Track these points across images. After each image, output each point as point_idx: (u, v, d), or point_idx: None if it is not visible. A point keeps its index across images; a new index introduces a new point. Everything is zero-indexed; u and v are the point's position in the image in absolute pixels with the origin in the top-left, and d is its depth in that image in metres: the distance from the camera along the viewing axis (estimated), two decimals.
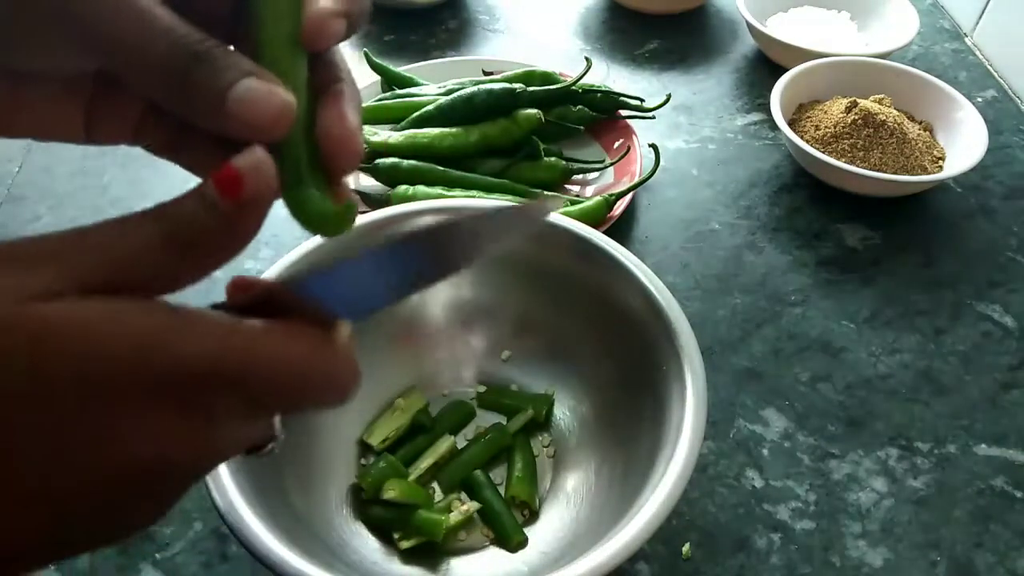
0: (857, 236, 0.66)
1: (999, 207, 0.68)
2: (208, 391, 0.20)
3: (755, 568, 0.46)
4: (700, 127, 0.76)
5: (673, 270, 0.62)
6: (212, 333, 0.20)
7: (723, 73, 0.83)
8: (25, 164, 0.71)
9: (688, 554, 0.46)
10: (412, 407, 0.50)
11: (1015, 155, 0.73)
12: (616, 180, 0.67)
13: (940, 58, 0.85)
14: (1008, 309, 0.60)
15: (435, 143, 0.65)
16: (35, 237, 0.20)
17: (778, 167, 0.72)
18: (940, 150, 0.69)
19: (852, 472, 0.50)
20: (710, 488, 0.49)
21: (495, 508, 0.46)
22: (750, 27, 0.81)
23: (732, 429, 0.52)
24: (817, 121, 0.69)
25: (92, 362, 0.19)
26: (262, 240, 0.65)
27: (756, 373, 0.56)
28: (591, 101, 0.71)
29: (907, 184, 0.64)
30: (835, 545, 0.47)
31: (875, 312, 0.60)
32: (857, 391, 0.55)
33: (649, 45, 0.86)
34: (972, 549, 0.47)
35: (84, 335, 0.19)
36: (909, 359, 0.57)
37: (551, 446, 0.50)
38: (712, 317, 0.59)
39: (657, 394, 0.42)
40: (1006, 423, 0.53)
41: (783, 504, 0.49)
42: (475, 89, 0.67)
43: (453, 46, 0.86)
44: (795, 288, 0.61)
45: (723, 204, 0.68)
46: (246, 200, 0.21)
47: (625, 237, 0.65)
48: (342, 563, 0.41)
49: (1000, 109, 0.78)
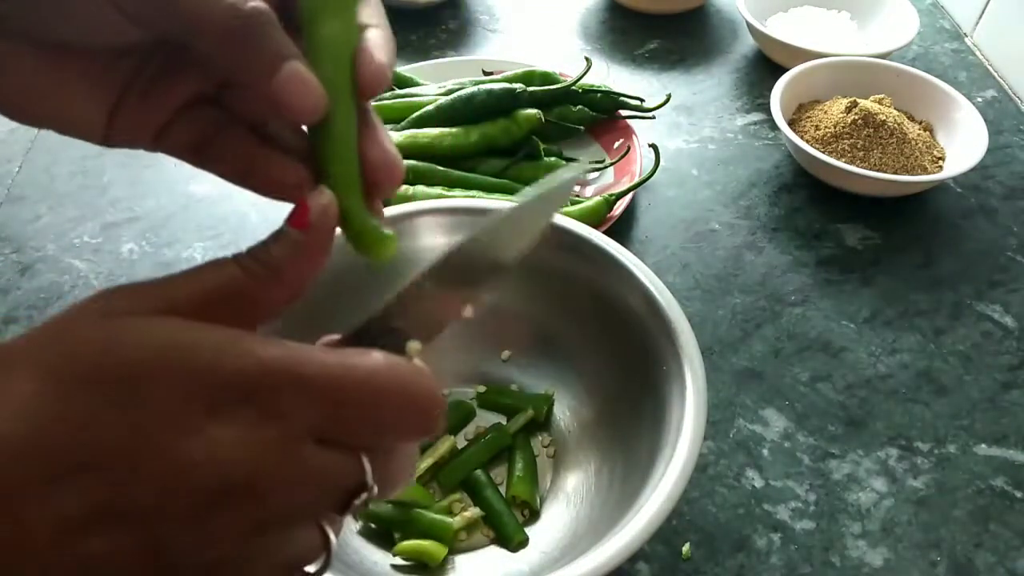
0: (857, 236, 0.66)
1: (999, 207, 0.68)
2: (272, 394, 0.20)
3: (755, 568, 0.46)
4: (700, 127, 0.76)
5: (673, 270, 0.62)
6: (284, 344, 0.21)
7: (723, 73, 0.83)
8: (25, 164, 0.71)
9: (688, 554, 0.46)
10: None
11: (1015, 155, 0.73)
12: (616, 180, 0.67)
13: (940, 58, 0.85)
14: (1008, 309, 0.60)
15: (435, 143, 0.65)
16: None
17: (778, 167, 0.72)
18: (940, 150, 0.69)
19: (852, 472, 0.50)
20: (710, 488, 0.49)
21: (496, 508, 0.46)
22: (750, 27, 0.81)
23: (732, 429, 0.52)
24: (817, 121, 0.69)
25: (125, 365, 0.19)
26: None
27: (756, 373, 0.56)
28: (591, 101, 0.71)
29: (907, 184, 0.64)
30: (835, 545, 0.47)
31: (875, 312, 0.60)
32: (857, 391, 0.55)
33: (649, 45, 0.86)
34: (972, 549, 0.47)
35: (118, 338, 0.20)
36: (909, 359, 0.57)
37: (551, 446, 0.50)
38: (712, 317, 0.59)
39: (657, 394, 0.42)
40: (1006, 423, 0.53)
41: (783, 504, 0.49)
42: (475, 89, 0.67)
43: (453, 46, 0.86)
44: (795, 288, 0.61)
45: (723, 204, 0.68)
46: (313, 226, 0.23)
47: (625, 237, 0.65)
48: (342, 563, 0.41)
49: (1000, 109, 0.78)
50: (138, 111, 0.27)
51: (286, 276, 0.23)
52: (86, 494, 0.18)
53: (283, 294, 0.23)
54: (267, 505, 0.20)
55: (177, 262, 0.63)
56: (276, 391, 0.20)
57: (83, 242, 0.64)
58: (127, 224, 0.66)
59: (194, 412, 0.19)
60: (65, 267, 0.62)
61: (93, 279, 0.62)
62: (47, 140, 0.73)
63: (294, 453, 0.20)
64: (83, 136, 0.27)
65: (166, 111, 0.27)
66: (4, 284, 0.61)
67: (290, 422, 0.20)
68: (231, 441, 0.19)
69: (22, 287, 0.61)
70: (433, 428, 0.23)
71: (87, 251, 0.64)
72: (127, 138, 0.28)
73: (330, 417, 0.21)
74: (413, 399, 0.22)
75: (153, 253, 0.64)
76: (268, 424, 0.20)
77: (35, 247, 0.63)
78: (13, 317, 0.59)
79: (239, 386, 0.20)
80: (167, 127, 0.27)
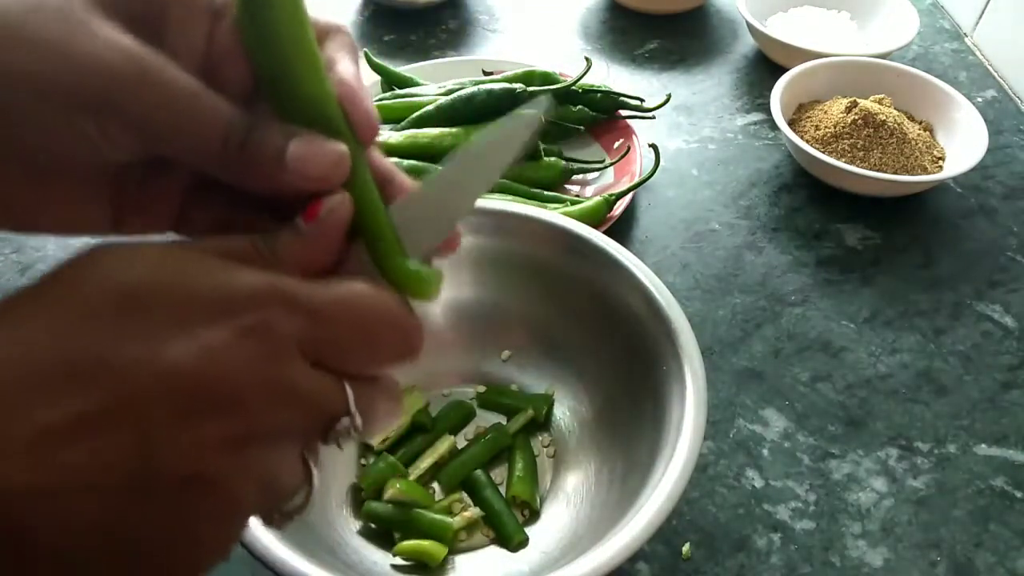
0: (857, 236, 0.66)
1: (999, 207, 0.68)
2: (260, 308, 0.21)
3: (755, 568, 0.46)
4: (700, 127, 0.76)
5: (673, 270, 0.62)
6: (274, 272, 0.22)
7: (723, 73, 0.83)
8: None
9: (688, 554, 0.46)
10: (412, 407, 0.50)
11: (1015, 155, 0.73)
12: (616, 180, 0.67)
13: (940, 58, 0.85)
14: (1008, 309, 0.60)
15: (435, 143, 0.65)
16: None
17: (778, 167, 0.72)
18: (940, 150, 0.69)
19: (852, 472, 0.50)
20: (710, 488, 0.49)
21: (496, 508, 0.46)
22: (750, 27, 0.81)
23: (732, 429, 0.52)
24: (817, 121, 0.69)
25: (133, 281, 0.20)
26: None
27: (756, 373, 0.56)
28: (591, 101, 0.71)
29: (907, 184, 0.64)
30: (835, 545, 0.47)
31: (875, 312, 0.60)
32: (857, 391, 0.55)
33: (649, 45, 0.86)
34: (972, 549, 0.47)
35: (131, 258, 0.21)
36: (909, 359, 0.57)
37: (551, 446, 0.50)
38: (712, 317, 0.59)
39: (657, 394, 0.42)
40: (1006, 423, 0.53)
41: (783, 504, 0.49)
42: (475, 89, 0.67)
43: (453, 46, 0.86)
44: (795, 288, 0.61)
45: (723, 204, 0.68)
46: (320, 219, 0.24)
47: (625, 237, 0.65)
48: (342, 563, 0.41)
49: (1000, 109, 0.78)
50: (141, 199, 0.27)
51: (287, 265, 0.23)
52: (70, 401, 0.19)
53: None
54: (251, 416, 0.20)
55: None
56: (265, 307, 0.21)
57: (83, 242, 0.64)
58: None
59: (184, 323, 0.20)
60: None
61: None
62: None
63: (281, 367, 0.21)
64: (96, 234, 0.27)
65: (173, 194, 0.27)
66: (4, 284, 0.61)
67: (278, 337, 0.21)
68: (220, 348, 0.20)
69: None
70: (413, 350, 0.24)
71: None
72: (142, 226, 0.28)
73: (316, 336, 0.22)
74: (395, 320, 0.24)
75: None
76: (256, 337, 0.21)
77: (35, 247, 0.63)
78: None
79: (229, 302, 0.21)
80: (184, 212, 0.27)
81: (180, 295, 0.20)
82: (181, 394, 0.19)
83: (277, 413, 0.21)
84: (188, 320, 0.20)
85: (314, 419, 0.22)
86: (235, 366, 0.20)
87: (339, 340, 0.22)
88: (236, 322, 0.20)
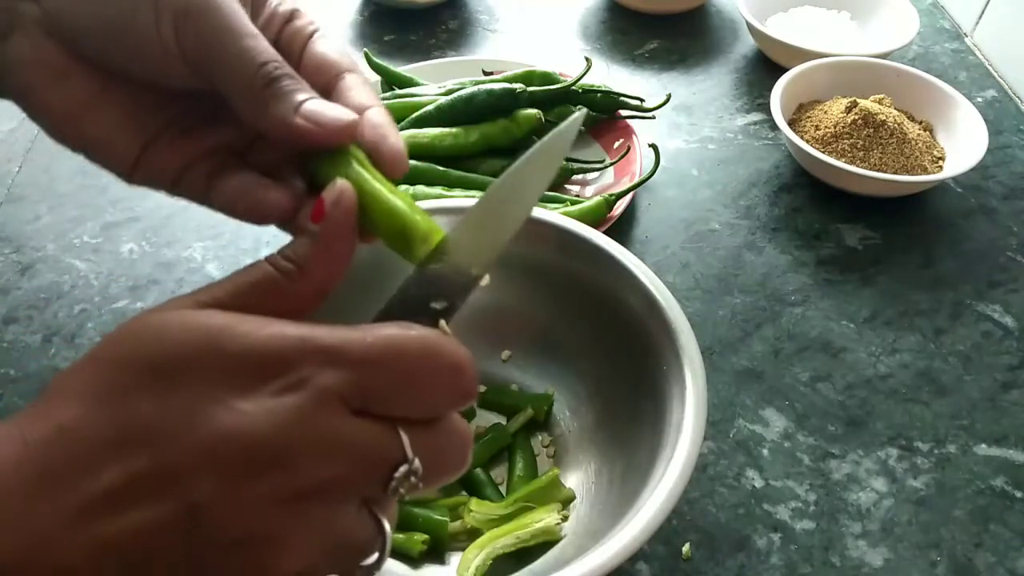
0: (857, 236, 0.66)
1: (999, 207, 0.68)
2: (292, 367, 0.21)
3: (755, 568, 0.46)
4: (700, 127, 0.76)
5: (673, 270, 0.62)
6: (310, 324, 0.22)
7: (723, 73, 0.83)
8: (25, 164, 0.71)
9: (688, 554, 0.46)
10: None
11: (1015, 155, 0.73)
12: (616, 180, 0.67)
13: (940, 58, 0.85)
14: (1008, 309, 0.60)
15: (435, 143, 0.65)
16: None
17: (778, 167, 0.72)
18: (940, 150, 0.69)
19: (852, 472, 0.50)
20: (710, 488, 0.49)
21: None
22: (750, 27, 0.81)
23: (732, 429, 0.52)
24: (817, 121, 0.69)
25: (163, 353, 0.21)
26: (262, 240, 0.65)
27: (756, 373, 0.56)
28: (591, 101, 0.71)
29: (907, 184, 0.64)
30: (835, 545, 0.47)
31: (875, 312, 0.60)
32: (857, 391, 0.55)
33: (649, 45, 0.86)
34: (972, 549, 0.47)
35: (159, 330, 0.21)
36: (909, 359, 0.57)
37: (551, 446, 0.50)
38: (712, 317, 0.59)
39: (657, 394, 0.42)
40: (1006, 423, 0.53)
41: (783, 504, 0.49)
42: (475, 89, 0.67)
43: (453, 46, 0.86)
44: (795, 288, 0.61)
45: (723, 204, 0.68)
46: (329, 215, 0.24)
47: (625, 237, 0.65)
48: None
49: (1000, 109, 0.78)
50: (167, 152, 0.29)
51: (312, 270, 0.24)
52: (118, 471, 0.19)
53: (311, 288, 0.24)
54: (298, 474, 0.20)
55: (177, 262, 0.63)
56: (299, 362, 0.21)
57: (83, 242, 0.64)
58: (127, 224, 0.66)
59: (224, 390, 0.20)
60: (65, 267, 0.62)
61: (93, 279, 0.62)
62: (47, 140, 0.73)
63: (321, 420, 0.21)
64: (113, 166, 0.29)
65: (188, 157, 0.29)
66: (4, 284, 0.61)
67: (315, 392, 0.21)
68: (256, 411, 0.20)
69: (22, 287, 0.61)
70: (467, 391, 0.23)
71: (87, 251, 0.64)
72: (151, 177, 0.30)
73: (356, 384, 0.21)
74: (440, 361, 0.23)
75: (153, 253, 0.64)
76: (291, 392, 0.21)
77: (35, 247, 0.63)
78: (13, 317, 0.59)
79: (266, 363, 0.21)
80: (184, 172, 0.30)
81: (220, 361, 0.20)
82: (221, 460, 0.20)
83: (324, 467, 0.21)
84: (229, 387, 0.20)
85: (368, 469, 0.22)
86: (272, 423, 0.20)
87: (380, 387, 0.22)
88: (271, 385, 0.21)
